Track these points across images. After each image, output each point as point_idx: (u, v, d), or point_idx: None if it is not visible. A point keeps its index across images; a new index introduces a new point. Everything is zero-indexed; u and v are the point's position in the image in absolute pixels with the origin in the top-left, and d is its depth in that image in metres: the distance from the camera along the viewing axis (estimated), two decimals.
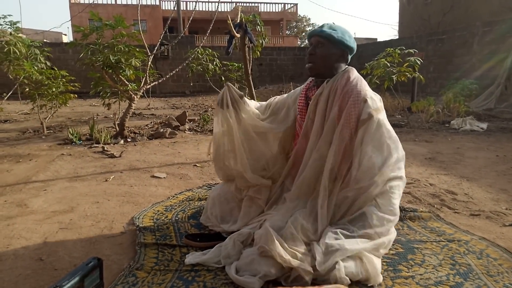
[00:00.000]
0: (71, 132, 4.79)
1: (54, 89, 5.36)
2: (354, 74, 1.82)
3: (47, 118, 5.86)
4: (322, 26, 1.83)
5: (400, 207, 2.29)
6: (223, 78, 6.88)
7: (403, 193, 2.63)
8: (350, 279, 1.46)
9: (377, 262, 1.53)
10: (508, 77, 8.31)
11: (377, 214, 1.63)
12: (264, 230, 1.60)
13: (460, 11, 14.10)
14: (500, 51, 9.10)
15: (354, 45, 1.83)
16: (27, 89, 5.49)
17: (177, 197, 2.60)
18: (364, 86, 1.77)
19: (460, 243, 1.87)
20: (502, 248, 1.80)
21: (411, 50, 5.50)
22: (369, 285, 1.49)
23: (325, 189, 1.72)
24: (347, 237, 1.58)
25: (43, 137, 5.11)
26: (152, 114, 7.76)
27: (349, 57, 1.85)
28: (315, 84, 1.93)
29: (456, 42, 10.90)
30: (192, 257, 1.71)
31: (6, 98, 6.78)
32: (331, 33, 1.77)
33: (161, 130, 5.20)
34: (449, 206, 2.43)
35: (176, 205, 2.43)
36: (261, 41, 5.39)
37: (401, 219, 2.14)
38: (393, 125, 6.05)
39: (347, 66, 1.87)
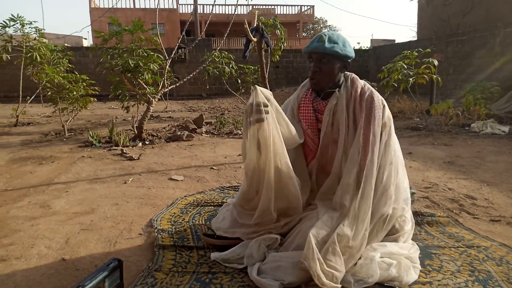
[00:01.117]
0: (91, 134, 4.91)
1: (75, 93, 5.51)
2: (360, 80, 1.87)
3: (68, 121, 6.02)
4: (321, 40, 1.76)
5: (417, 211, 2.30)
6: (239, 81, 6.93)
7: (421, 197, 2.62)
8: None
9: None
10: None
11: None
12: (307, 243, 1.53)
13: (481, 12, 13.79)
14: None
15: (353, 53, 1.83)
16: (49, 93, 5.65)
17: (188, 198, 2.63)
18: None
19: (480, 249, 1.84)
20: None
21: (428, 50, 5.42)
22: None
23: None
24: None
25: (65, 139, 5.25)
26: (170, 117, 7.87)
27: (349, 66, 1.87)
28: (317, 95, 1.90)
29: (477, 43, 10.67)
30: (217, 254, 1.75)
31: (29, 101, 7.01)
32: (335, 49, 1.74)
33: (179, 133, 5.27)
34: (468, 211, 2.39)
35: (190, 207, 2.47)
36: (280, 45, 5.42)
37: (418, 224, 2.13)
38: (412, 128, 6.04)
39: (346, 72, 1.89)
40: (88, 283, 1.36)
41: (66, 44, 15.09)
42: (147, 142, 4.86)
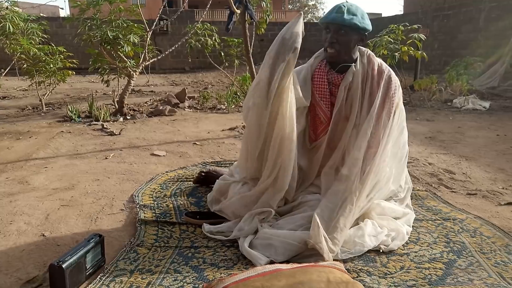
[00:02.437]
0: (70, 109, 4.78)
1: (52, 66, 5.31)
2: (376, 58, 1.84)
3: (46, 95, 5.84)
4: (340, 10, 1.71)
5: None
6: (222, 54, 6.79)
7: None
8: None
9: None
10: None
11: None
12: (313, 223, 1.55)
13: None
14: (506, 28, 8.94)
15: (371, 26, 1.78)
16: (24, 65, 5.44)
17: (169, 174, 2.62)
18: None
19: (455, 221, 1.89)
20: (496, 226, 1.83)
21: (415, 26, 5.40)
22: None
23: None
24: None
25: (42, 114, 5.11)
26: (152, 91, 7.72)
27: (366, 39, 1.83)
28: (331, 68, 1.85)
29: (462, 18, 10.68)
30: (209, 227, 1.77)
31: (4, 74, 6.73)
32: (353, 21, 1.70)
33: (161, 107, 5.18)
34: (446, 185, 2.45)
35: (170, 182, 2.45)
36: (265, 18, 5.29)
37: None
38: None
39: (361, 47, 1.86)
40: (68, 258, 1.35)
41: (41, 14, 14.45)
42: (128, 117, 4.77)
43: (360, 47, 1.86)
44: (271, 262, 1.50)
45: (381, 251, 1.62)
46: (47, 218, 1.96)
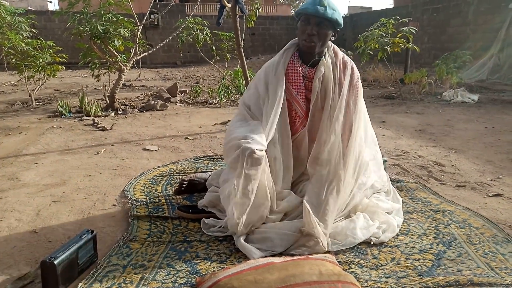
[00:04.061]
0: (61, 104, 4.73)
1: (41, 60, 5.23)
2: (339, 50, 1.92)
3: (36, 90, 5.76)
4: (322, 4, 1.71)
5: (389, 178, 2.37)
6: (214, 48, 6.75)
7: (393, 165, 2.70)
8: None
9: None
10: (502, 48, 8.28)
11: None
12: (304, 211, 1.60)
13: None
14: (494, 22, 9.02)
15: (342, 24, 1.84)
16: (13, 60, 5.35)
17: (160, 168, 2.61)
18: None
19: (445, 213, 1.93)
20: (484, 217, 1.87)
21: (405, 19, 5.42)
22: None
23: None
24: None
25: (32, 109, 5.05)
26: (143, 86, 7.66)
27: None
28: (301, 60, 1.87)
29: (451, 12, 10.75)
30: (213, 229, 1.76)
31: None
32: (335, 16, 1.73)
33: (152, 102, 5.15)
34: (436, 177, 2.48)
35: (159, 178, 2.44)
36: (254, 10, 5.27)
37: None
38: (386, 97, 6.12)
39: None
40: (60, 254, 1.35)
41: (29, 7, 14.20)
42: (119, 112, 4.74)
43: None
44: (265, 256, 1.52)
45: (372, 243, 1.64)
46: (38, 215, 1.95)
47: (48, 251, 1.59)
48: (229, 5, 3.46)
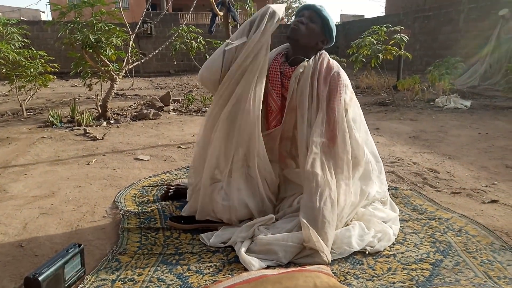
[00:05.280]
0: (52, 114, 4.67)
1: (32, 70, 5.18)
2: (328, 56, 1.91)
3: (27, 100, 5.69)
4: (319, 5, 1.84)
5: None
6: (207, 57, 6.74)
7: (387, 172, 2.68)
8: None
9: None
10: (493, 54, 8.36)
11: None
12: (302, 227, 1.57)
13: None
14: (485, 28, 9.13)
15: (334, 40, 1.89)
16: (4, 70, 5.30)
17: (152, 178, 2.57)
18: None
19: (441, 221, 1.90)
20: (481, 225, 1.84)
21: (397, 28, 5.46)
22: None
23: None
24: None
25: (23, 119, 4.98)
26: (136, 95, 7.61)
27: (324, 47, 1.91)
28: (285, 61, 1.91)
29: (442, 19, 10.87)
30: (214, 239, 1.71)
31: None
32: (327, 17, 1.83)
33: (145, 111, 5.11)
34: (431, 184, 2.46)
35: (150, 188, 2.40)
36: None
37: None
38: (379, 104, 6.12)
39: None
40: (45, 270, 1.30)
41: (22, 18, 14.15)
42: (112, 121, 4.69)
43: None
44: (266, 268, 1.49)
45: (367, 252, 1.61)
46: (25, 228, 1.89)
47: (34, 266, 1.53)
48: (221, 13, 3.45)
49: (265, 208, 1.84)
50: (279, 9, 1.75)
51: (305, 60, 1.84)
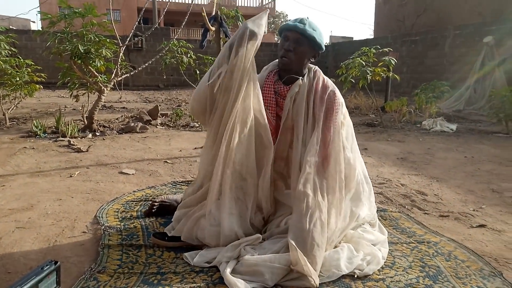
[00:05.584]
0: (36, 124, 4.56)
1: (18, 79, 5.09)
2: (323, 74, 1.90)
3: (10, 109, 5.57)
4: (302, 22, 1.78)
5: None
6: (197, 72, 6.75)
7: (376, 193, 2.66)
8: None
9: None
10: (477, 80, 8.58)
11: None
12: (290, 249, 1.52)
13: (433, 14, 14.45)
14: (469, 54, 9.39)
15: (324, 47, 1.87)
16: None
17: (136, 193, 2.50)
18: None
19: (430, 244, 1.87)
20: (470, 250, 1.82)
21: (385, 49, 5.56)
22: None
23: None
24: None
25: (5, 129, 4.85)
26: (124, 108, 7.53)
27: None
28: (279, 79, 1.90)
29: (429, 44, 11.17)
30: (198, 258, 1.63)
31: None
32: (313, 34, 1.77)
33: (132, 124, 5.04)
34: (419, 207, 2.45)
35: (133, 203, 2.33)
36: None
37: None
38: (367, 124, 6.17)
39: (310, 64, 1.92)
40: None
41: (11, 26, 14.03)
42: (98, 134, 4.60)
43: (309, 64, 1.92)
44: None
45: (355, 276, 1.56)
46: None
47: (6, 284, 1.45)
48: (213, 29, 3.46)
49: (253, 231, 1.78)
50: (259, 25, 1.68)
51: (300, 78, 1.83)
